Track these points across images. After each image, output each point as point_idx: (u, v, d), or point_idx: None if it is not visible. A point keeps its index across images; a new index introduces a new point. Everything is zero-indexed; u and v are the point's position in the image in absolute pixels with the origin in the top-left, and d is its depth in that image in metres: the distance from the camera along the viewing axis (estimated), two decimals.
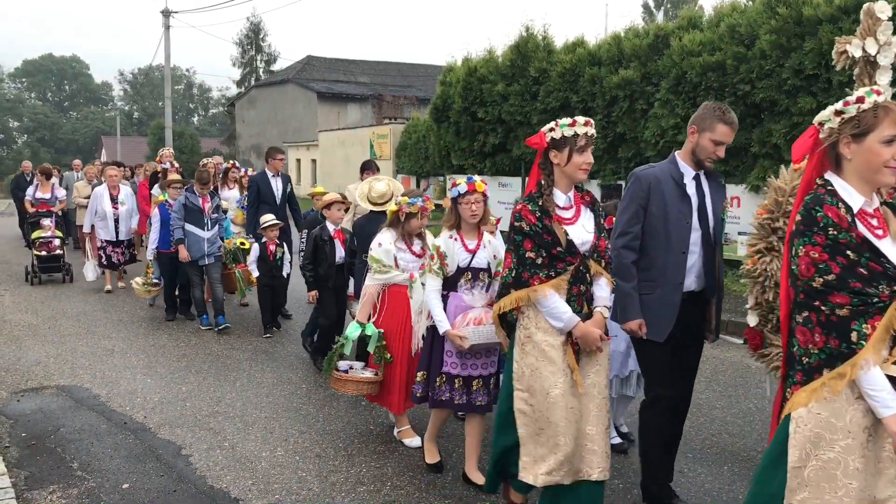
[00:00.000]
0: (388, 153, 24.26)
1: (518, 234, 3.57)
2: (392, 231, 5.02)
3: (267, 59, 50.44)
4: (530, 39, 14.62)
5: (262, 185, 9.31)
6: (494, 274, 4.42)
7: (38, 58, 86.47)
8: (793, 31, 9.77)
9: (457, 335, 4.24)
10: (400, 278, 4.94)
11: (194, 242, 8.53)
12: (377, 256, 4.97)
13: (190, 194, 8.60)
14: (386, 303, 5.01)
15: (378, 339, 4.88)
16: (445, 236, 4.42)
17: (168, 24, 28.10)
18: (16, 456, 4.96)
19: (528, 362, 3.60)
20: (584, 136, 3.50)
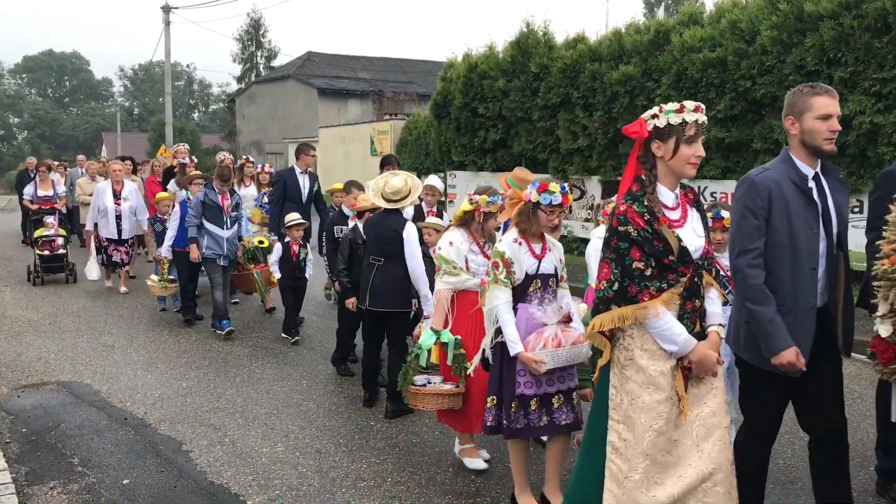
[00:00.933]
0: (388, 149, 24.22)
1: (623, 240, 3.08)
2: (463, 231, 4.62)
3: (267, 55, 50.30)
4: (531, 35, 14.58)
5: (288, 182, 8.88)
6: (560, 279, 4.09)
7: (39, 54, 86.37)
8: (794, 27, 9.75)
9: (532, 359, 3.77)
10: (472, 283, 4.54)
11: (213, 241, 8.14)
12: (447, 256, 4.57)
13: (209, 191, 8.22)
14: (459, 308, 4.61)
15: (456, 346, 4.49)
16: (509, 241, 3.96)
17: (168, 19, 28.06)
18: (16, 451, 4.97)
19: (628, 389, 3.13)
20: (693, 125, 3.12)
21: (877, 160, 9.07)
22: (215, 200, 8.19)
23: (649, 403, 3.08)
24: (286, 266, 7.99)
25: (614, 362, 3.21)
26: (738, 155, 10.84)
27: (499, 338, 3.96)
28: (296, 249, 8.01)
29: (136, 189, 11.03)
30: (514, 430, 3.92)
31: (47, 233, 11.51)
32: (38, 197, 12.80)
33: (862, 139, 9.08)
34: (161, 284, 8.88)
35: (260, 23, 49.92)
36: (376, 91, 36.23)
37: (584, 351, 3.87)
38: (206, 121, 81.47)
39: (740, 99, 10.47)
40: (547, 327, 3.86)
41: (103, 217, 10.49)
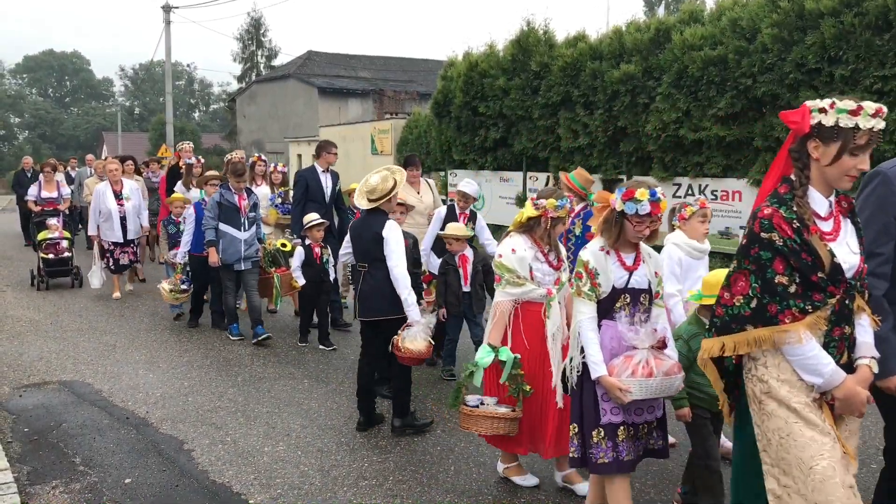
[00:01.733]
0: (389, 148, 24.23)
1: (766, 249, 2.65)
2: (526, 237, 4.21)
3: (268, 54, 50.32)
4: (531, 34, 14.59)
5: (310, 182, 8.38)
6: (655, 296, 3.60)
7: (39, 53, 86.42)
8: (794, 25, 9.75)
9: (616, 386, 3.35)
10: (537, 293, 4.16)
11: (230, 244, 7.69)
12: (510, 265, 4.16)
13: (225, 191, 7.77)
14: (519, 323, 4.21)
15: (514, 365, 4.13)
16: (595, 248, 3.54)
17: (169, 19, 28.06)
18: (18, 451, 4.97)
19: (774, 426, 2.68)
20: (866, 133, 2.60)
21: (878, 158, 9.03)
22: (232, 201, 7.76)
23: (803, 440, 2.61)
24: (310, 270, 7.58)
25: (750, 398, 2.78)
26: (739, 153, 10.85)
27: (582, 357, 3.55)
28: (318, 252, 7.64)
29: (138, 188, 10.65)
30: (601, 466, 3.48)
31: (51, 235, 11.03)
32: (42, 198, 12.36)
33: None
34: (172, 295, 8.49)
35: (260, 22, 49.95)
36: (377, 90, 36.23)
37: (676, 384, 3.48)
38: (206, 120, 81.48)
39: (741, 97, 10.47)
40: (637, 351, 3.43)
41: (106, 220, 10.01)
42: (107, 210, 9.97)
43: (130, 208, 10.12)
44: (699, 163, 11.37)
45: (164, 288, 8.53)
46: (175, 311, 8.93)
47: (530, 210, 4.18)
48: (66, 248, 11.04)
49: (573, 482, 4.33)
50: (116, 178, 10.20)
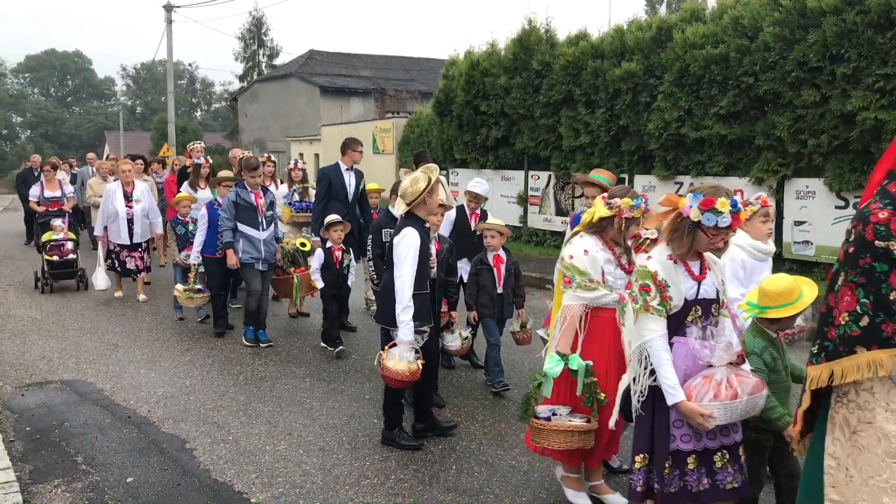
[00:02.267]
0: (390, 147, 24.23)
1: (881, 260, 2.32)
2: (597, 238, 3.96)
3: (269, 53, 50.35)
4: (533, 32, 14.57)
5: (333, 180, 8.09)
6: (721, 305, 3.36)
7: (41, 53, 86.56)
8: (796, 23, 9.72)
9: (697, 412, 3.06)
10: (609, 298, 3.90)
11: (250, 245, 7.46)
12: (582, 267, 3.89)
13: (241, 190, 7.49)
14: (590, 329, 3.95)
15: (586, 373, 3.85)
16: (662, 257, 3.26)
17: (170, 18, 28.07)
18: (20, 450, 4.98)
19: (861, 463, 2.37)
20: None
21: (880, 156, 9.02)
22: (248, 200, 7.48)
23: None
24: (328, 274, 7.26)
25: (836, 424, 2.47)
26: (741, 152, 10.83)
27: (651, 380, 3.24)
28: (338, 255, 7.31)
29: (148, 189, 10.32)
30: (669, 496, 3.19)
31: (56, 237, 10.76)
32: (45, 198, 11.96)
33: (866, 135, 9.06)
34: (187, 294, 8.18)
35: (262, 21, 49.97)
36: (378, 89, 36.25)
37: (760, 403, 3.20)
38: (208, 119, 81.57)
39: (743, 95, 10.45)
40: (716, 370, 3.13)
41: (114, 221, 9.71)
42: (114, 211, 9.69)
43: (139, 211, 9.81)
44: (701, 161, 11.36)
45: (178, 290, 8.33)
46: (178, 312, 8.76)
47: (602, 210, 3.90)
48: (70, 249, 10.78)
49: (602, 493, 4.13)
50: (129, 180, 9.87)
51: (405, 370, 4.67)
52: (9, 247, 16.21)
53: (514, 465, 4.71)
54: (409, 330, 4.73)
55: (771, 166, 10.26)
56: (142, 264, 9.92)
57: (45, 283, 10.59)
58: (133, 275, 9.94)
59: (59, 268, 10.63)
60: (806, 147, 9.81)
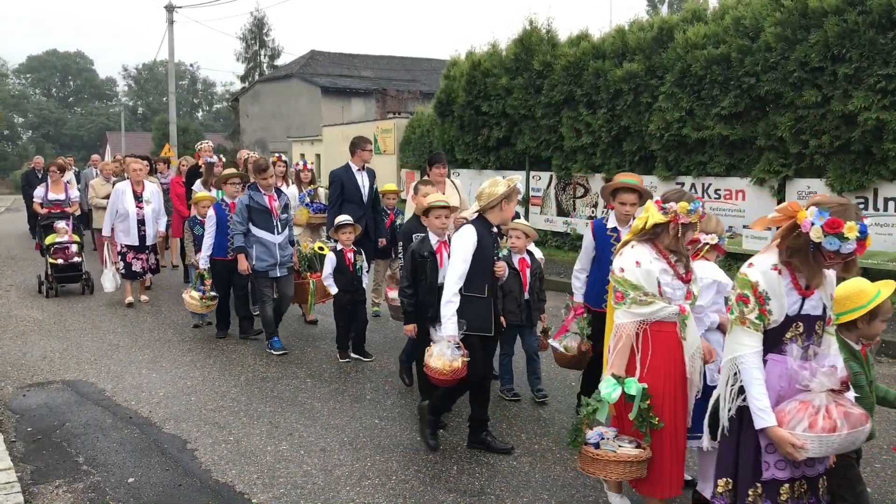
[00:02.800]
0: (391, 148, 24.24)
1: None
2: (649, 246, 3.62)
3: (271, 53, 50.40)
4: (534, 33, 14.57)
5: (346, 182, 7.82)
6: (827, 322, 3.06)
7: (43, 54, 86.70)
8: (798, 24, 9.71)
9: (787, 440, 2.85)
10: (668, 312, 3.57)
11: (264, 250, 7.19)
12: (635, 281, 3.56)
13: (254, 192, 7.21)
14: (649, 347, 3.61)
15: (643, 397, 3.53)
16: (766, 267, 2.99)
17: (172, 19, 28.08)
18: (22, 450, 4.98)
19: None
20: None
21: (882, 156, 9.04)
22: (262, 202, 7.20)
23: None
24: (342, 277, 6.95)
25: None
26: (742, 152, 10.82)
27: (740, 399, 3.02)
28: (351, 257, 7.02)
29: (158, 190, 10.04)
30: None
31: (60, 239, 10.44)
32: (49, 200, 11.54)
33: (867, 136, 9.05)
34: (203, 303, 7.82)
35: (263, 22, 50.03)
36: (380, 89, 36.27)
37: (861, 438, 2.94)
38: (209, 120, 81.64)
39: (744, 96, 10.44)
40: (815, 396, 2.86)
41: (122, 221, 9.43)
42: (124, 211, 9.41)
43: (150, 212, 9.56)
44: (702, 162, 11.35)
45: (192, 296, 7.85)
46: (196, 318, 8.42)
47: (656, 215, 3.56)
48: (75, 252, 10.47)
49: None
50: (139, 179, 9.60)
51: (445, 367, 4.55)
52: (11, 247, 16.22)
53: (516, 466, 4.71)
54: (452, 325, 4.61)
55: (772, 167, 10.26)
56: (146, 266, 9.71)
57: (49, 287, 10.28)
58: (139, 277, 9.74)
59: (64, 271, 10.35)
60: (807, 147, 9.80)
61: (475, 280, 4.69)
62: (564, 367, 5.57)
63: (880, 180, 9.20)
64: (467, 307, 4.68)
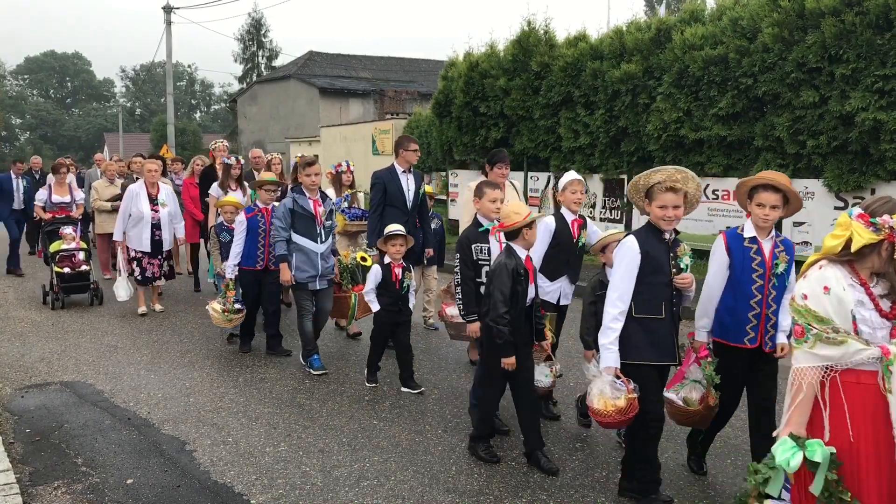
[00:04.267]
0: (390, 149, 24.26)
1: None
2: (843, 269, 2.92)
3: (268, 54, 50.44)
4: (532, 34, 14.58)
5: (389, 185, 7.17)
6: None
7: (41, 55, 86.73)
8: (795, 24, 9.74)
9: None
10: (864, 356, 2.81)
11: (305, 259, 6.59)
12: (822, 312, 2.86)
13: (299, 196, 6.58)
14: (840, 401, 2.88)
15: (830, 465, 2.82)
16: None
17: (169, 20, 28.07)
18: (20, 452, 4.98)
19: None
20: None
21: (879, 157, 9.05)
22: (307, 208, 6.56)
23: None
24: (386, 295, 6.19)
25: None
26: (740, 153, 10.84)
27: None
28: (398, 273, 6.22)
29: (173, 192, 9.45)
30: None
31: (66, 246, 9.79)
32: (53, 203, 10.84)
33: (864, 136, 9.07)
34: (226, 317, 7.15)
35: (261, 23, 50.08)
36: (378, 90, 36.28)
37: None
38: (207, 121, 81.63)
39: (742, 96, 10.46)
40: None
41: (135, 226, 8.88)
42: (138, 214, 8.83)
43: (165, 215, 9.00)
44: (700, 162, 11.36)
45: (214, 309, 7.17)
46: (227, 331, 7.85)
47: (864, 233, 2.86)
48: (83, 260, 9.80)
49: None
50: (154, 181, 9.01)
51: (608, 408, 3.88)
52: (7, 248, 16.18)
53: (514, 467, 4.72)
54: (612, 356, 3.93)
55: (770, 167, 10.28)
56: (159, 272, 9.17)
57: (55, 297, 9.57)
58: (151, 282, 9.22)
59: (71, 281, 9.64)
60: (805, 148, 9.82)
61: (649, 298, 3.95)
62: (683, 425, 4.55)
63: (877, 180, 9.22)
64: (640, 332, 3.97)
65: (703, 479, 4.50)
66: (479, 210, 5.24)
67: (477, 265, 5.10)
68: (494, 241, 5.02)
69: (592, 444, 5.07)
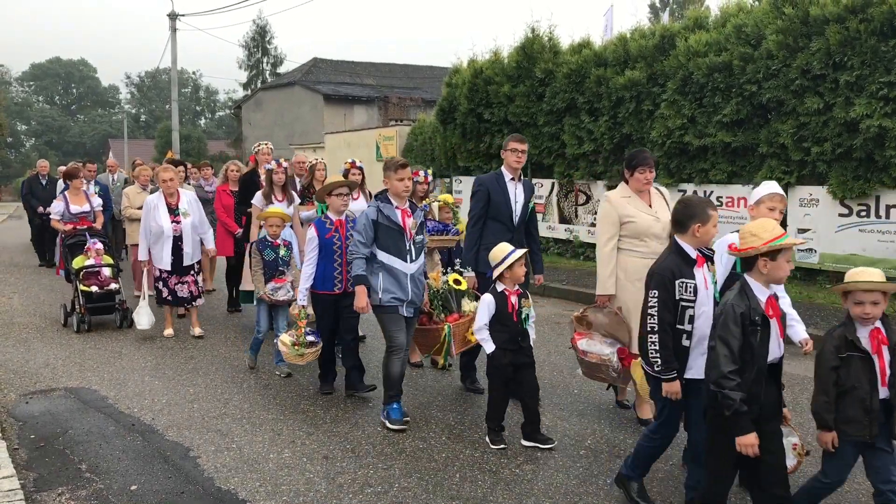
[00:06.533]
0: (394, 155, 24.30)
1: None
2: None
3: (273, 61, 50.60)
4: (536, 41, 14.60)
5: (494, 194, 6.01)
6: None
7: (46, 61, 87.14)
8: (799, 31, 9.74)
9: None
10: None
11: (392, 282, 5.42)
12: None
13: (384, 205, 5.44)
14: None
15: None
16: None
17: (175, 27, 28.21)
18: (24, 458, 4.98)
19: None
20: None
21: (884, 163, 9.04)
22: (394, 218, 5.43)
23: None
24: (504, 331, 5.01)
25: None
26: (744, 159, 10.83)
27: None
28: (514, 302, 5.05)
29: (195, 199, 8.48)
30: None
31: (90, 262, 8.81)
32: (71, 214, 9.66)
33: (869, 143, 9.05)
34: (296, 351, 6.09)
35: (266, 30, 50.25)
36: (382, 97, 36.35)
37: None
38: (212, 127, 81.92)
39: (746, 103, 10.46)
40: None
41: (156, 242, 8.07)
42: (157, 229, 8.01)
43: (188, 226, 8.11)
44: (704, 169, 11.36)
45: (284, 342, 6.18)
46: (283, 366, 6.79)
47: None
48: (110, 276, 8.84)
49: None
50: (172, 191, 8.19)
51: None
52: (13, 254, 16.25)
53: (518, 474, 4.71)
54: None
55: (774, 174, 10.26)
56: (197, 290, 8.27)
57: (81, 319, 8.51)
58: (185, 304, 8.27)
59: (100, 301, 8.66)
60: (809, 155, 9.81)
61: None
62: None
63: (882, 187, 9.21)
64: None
65: None
66: (699, 234, 3.89)
67: (678, 306, 3.86)
68: (700, 274, 3.89)
69: (596, 452, 5.06)
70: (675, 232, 3.96)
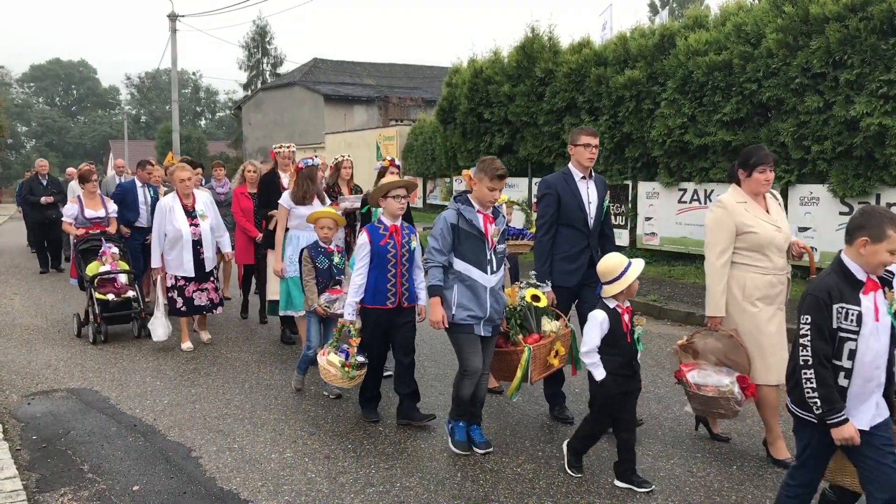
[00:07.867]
0: (394, 155, 24.32)
1: None
2: None
3: (273, 62, 50.63)
4: (536, 40, 14.63)
5: (564, 195, 5.42)
6: None
7: (46, 63, 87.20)
8: (799, 30, 9.75)
9: None
10: None
11: (470, 296, 4.81)
12: None
13: (465, 207, 4.85)
14: None
15: None
16: None
17: (175, 27, 28.22)
18: (27, 458, 4.99)
19: None
20: None
21: (885, 162, 9.04)
22: (476, 224, 4.84)
23: None
24: (618, 354, 4.34)
25: None
26: None
27: None
28: (627, 319, 4.38)
29: (211, 200, 8.03)
30: None
31: (106, 268, 8.28)
32: (85, 219, 9.00)
33: (869, 141, 9.06)
34: (347, 373, 5.37)
35: (266, 30, 50.28)
36: (382, 97, 36.37)
37: None
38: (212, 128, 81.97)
39: (746, 102, 10.47)
40: None
41: (173, 247, 7.57)
42: (175, 233, 7.51)
43: (206, 229, 7.66)
44: (705, 168, 11.37)
45: (331, 363, 5.43)
46: (336, 389, 6.11)
47: None
48: (127, 283, 8.32)
49: None
50: (188, 191, 7.67)
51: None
52: (14, 255, 16.27)
53: (520, 473, 4.71)
54: None
55: (775, 173, 10.27)
56: (217, 297, 7.87)
57: (97, 329, 8.04)
58: (203, 312, 7.88)
59: (117, 309, 8.22)
60: (809, 153, 9.81)
61: None
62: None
63: (882, 186, 9.21)
64: None
65: (709, 486, 4.49)
66: (864, 252, 3.15)
67: (836, 337, 3.16)
68: (868, 301, 3.16)
69: (598, 450, 5.05)
70: (846, 244, 3.25)
